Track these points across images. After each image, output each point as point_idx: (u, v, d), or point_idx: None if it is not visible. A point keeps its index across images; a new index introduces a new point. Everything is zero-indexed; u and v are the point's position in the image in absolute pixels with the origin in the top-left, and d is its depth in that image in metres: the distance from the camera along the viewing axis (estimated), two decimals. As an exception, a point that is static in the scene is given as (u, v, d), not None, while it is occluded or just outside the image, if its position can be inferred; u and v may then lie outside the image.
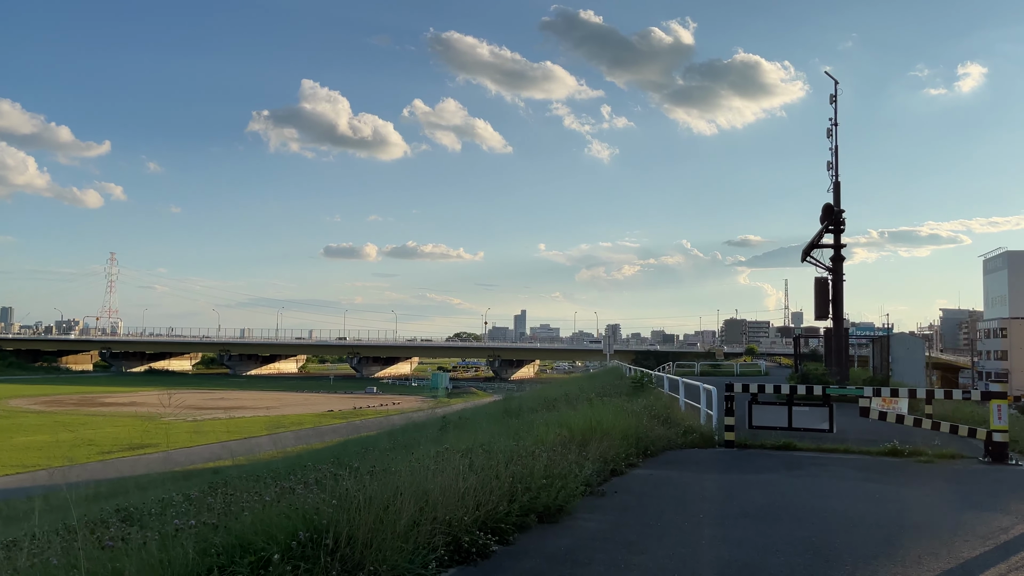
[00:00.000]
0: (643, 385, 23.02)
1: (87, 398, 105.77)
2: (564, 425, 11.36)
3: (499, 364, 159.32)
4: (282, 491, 6.82)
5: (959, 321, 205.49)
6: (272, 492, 6.78)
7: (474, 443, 10.82)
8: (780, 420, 13.01)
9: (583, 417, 11.86)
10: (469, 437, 13.21)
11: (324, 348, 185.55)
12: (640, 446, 11.81)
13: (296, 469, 10.60)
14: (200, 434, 64.62)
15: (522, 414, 18.82)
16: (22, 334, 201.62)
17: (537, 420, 14.68)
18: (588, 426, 11.09)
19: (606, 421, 11.43)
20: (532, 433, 11.34)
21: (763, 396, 13.31)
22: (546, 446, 9.84)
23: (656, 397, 19.50)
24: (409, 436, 19.66)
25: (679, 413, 16.49)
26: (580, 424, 11.22)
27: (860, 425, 14.03)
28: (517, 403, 20.98)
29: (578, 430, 11.02)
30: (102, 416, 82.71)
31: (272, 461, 20.32)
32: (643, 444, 11.99)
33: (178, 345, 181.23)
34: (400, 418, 54.48)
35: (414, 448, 15.01)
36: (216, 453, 46.99)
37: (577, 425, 11.18)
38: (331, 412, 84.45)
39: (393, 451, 14.42)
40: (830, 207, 28.14)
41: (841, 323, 28.71)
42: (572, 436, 10.83)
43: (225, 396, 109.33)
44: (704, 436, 13.48)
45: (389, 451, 14.45)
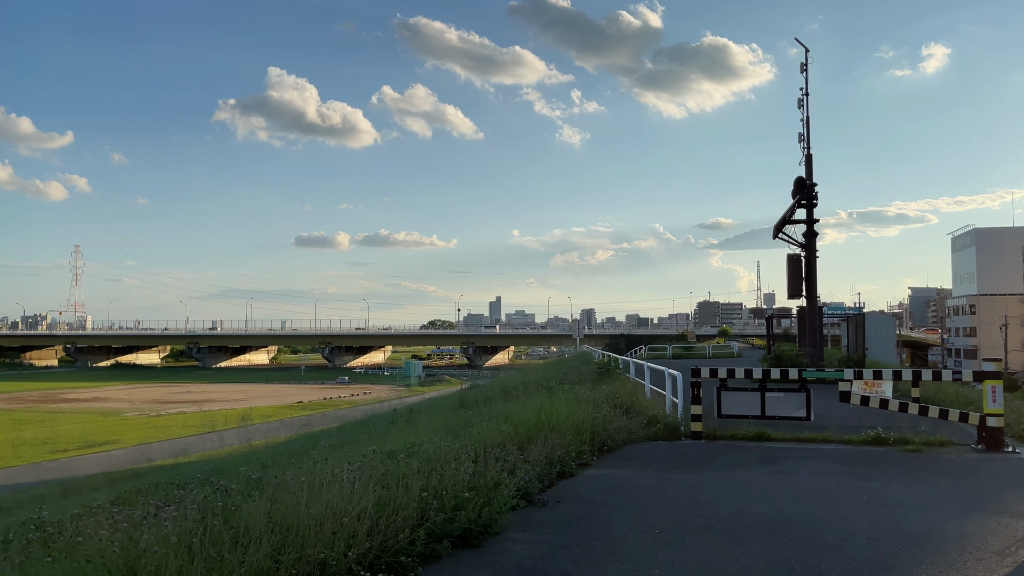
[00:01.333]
0: (609, 371, 21.74)
1: (48, 394, 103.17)
2: (510, 419, 9.96)
3: (473, 351, 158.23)
4: (132, 522, 5.35)
5: (927, 299, 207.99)
6: (110, 525, 5.27)
7: (405, 443, 9.43)
8: (752, 408, 11.71)
9: (532, 409, 10.47)
10: (408, 434, 11.82)
11: (295, 338, 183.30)
12: (596, 441, 10.45)
13: (193, 479, 9.10)
14: (161, 429, 62.92)
15: (477, 405, 17.51)
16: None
17: (488, 413, 13.32)
18: (536, 420, 9.69)
19: (557, 413, 10.04)
20: (476, 429, 9.97)
21: (733, 381, 11.97)
22: (482, 446, 8.46)
23: (621, 383, 18.20)
24: (357, 432, 18.25)
25: (644, 401, 15.18)
26: (526, 418, 9.82)
27: (840, 410, 12.80)
28: (475, 394, 19.61)
29: (523, 425, 9.63)
30: (62, 413, 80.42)
31: (203, 462, 18.85)
32: (600, 438, 10.63)
33: (146, 338, 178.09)
34: (362, 410, 53.17)
35: (352, 446, 13.57)
36: (170, 450, 45.36)
37: (523, 419, 9.78)
38: (300, 404, 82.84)
39: (331, 450, 12.99)
40: (802, 180, 26.97)
41: (815, 301, 27.63)
42: (516, 432, 9.43)
43: (193, 389, 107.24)
44: (669, 427, 12.15)
45: (330, 449, 13.02)
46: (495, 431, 9.49)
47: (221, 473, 9.78)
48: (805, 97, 28.05)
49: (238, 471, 9.31)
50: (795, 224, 27.75)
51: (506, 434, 9.42)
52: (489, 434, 9.43)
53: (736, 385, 12.12)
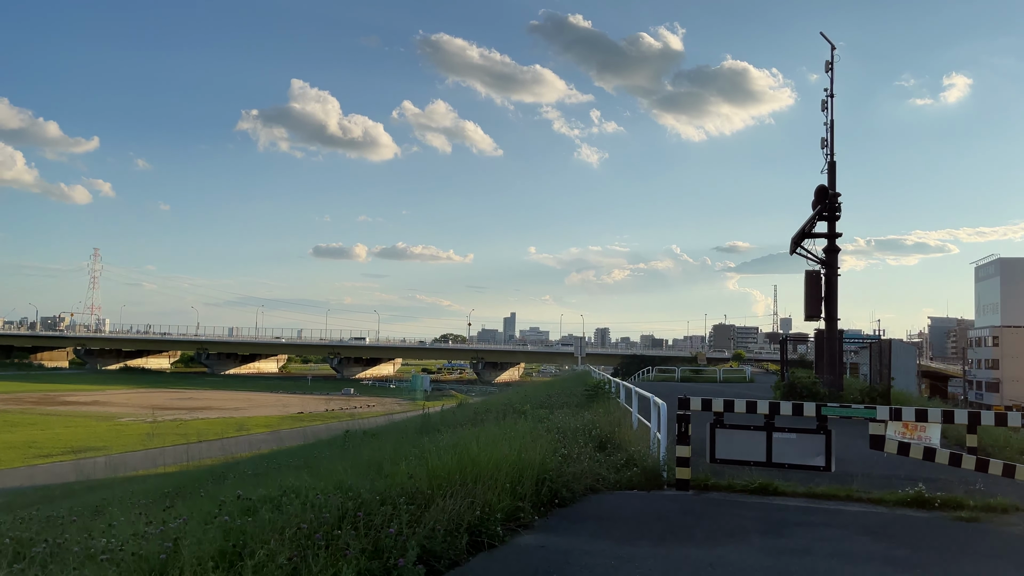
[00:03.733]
0: (598, 394, 19.17)
1: (49, 396, 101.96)
2: (423, 461, 7.42)
3: (482, 366, 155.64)
4: None
5: (947, 329, 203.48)
6: None
7: (284, 489, 6.99)
8: (756, 452, 9.11)
9: (465, 445, 7.94)
10: (328, 469, 9.37)
11: (304, 348, 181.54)
12: (546, 491, 7.90)
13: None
14: (151, 437, 60.95)
15: (440, 430, 15.01)
16: (5, 330, 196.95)
17: (433, 444, 10.81)
18: (456, 464, 7.14)
19: (487, 454, 7.46)
20: (396, 469, 7.50)
21: (731, 416, 9.40)
22: (375, 500, 5.99)
23: (608, 410, 15.62)
24: (294, 457, 15.91)
25: (628, 433, 12.58)
26: (445, 461, 7.27)
27: (866, 454, 10.15)
28: (449, 416, 17.12)
29: (442, 469, 7.09)
30: (57, 416, 78.89)
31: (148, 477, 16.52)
32: (552, 487, 8.08)
33: (155, 343, 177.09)
34: (354, 424, 50.91)
35: (262, 477, 11.12)
36: (151, 460, 43.30)
37: (441, 463, 7.23)
38: (300, 415, 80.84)
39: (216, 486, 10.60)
40: (824, 189, 24.32)
41: (835, 323, 24.87)
42: (430, 479, 6.91)
43: (195, 396, 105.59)
44: (648, 472, 9.48)
45: (218, 484, 10.62)
46: (404, 478, 6.99)
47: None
48: (829, 99, 25.46)
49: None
50: (815, 238, 25.10)
51: (419, 481, 6.92)
52: (398, 480, 6.97)
53: (735, 421, 9.49)
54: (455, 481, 6.86)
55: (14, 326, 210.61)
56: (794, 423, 9.44)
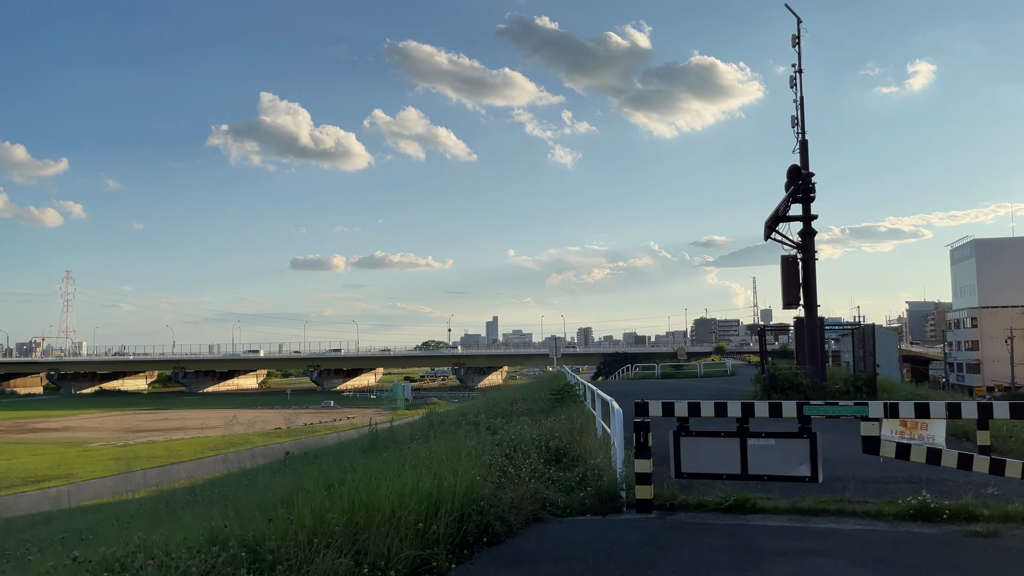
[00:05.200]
0: (564, 398, 17.73)
1: (19, 424, 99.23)
2: (309, 503, 5.91)
3: (465, 372, 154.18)
4: None
5: (925, 313, 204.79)
6: None
7: (141, 545, 5.48)
8: (728, 462, 7.64)
9: (353, 483, 6.44)
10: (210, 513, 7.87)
11: (283, 362, 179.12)
12: (472, 525, 6.42)
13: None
14: (120, 461, 58.97)
15: (385, 447, 13.55)
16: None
17: (369, 465, 9.35)
18: (348, 504, 5.65)
19: (387, 488, 5.96)
20: (295, 511, 6.03)
21: (698, 422, 7.94)
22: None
23: (573, 416, 14.18)
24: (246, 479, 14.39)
25: (591, 443, 11.13)
26: (339, 500, 5.76)
27: (856, 457, 8.76)
28: (391, 433, 15.60)
29: (336, 511, 5.60)
30: (26, 444, 76.46)
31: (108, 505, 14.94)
32: (482, 519, 6.61)
33: (131, 364, 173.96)
34: (329, 439, 49.27)
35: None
36: (114, 487, 41.49)
37: (335, 503, 5.72)
38: (281, 430, 79.01)
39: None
40: (797, 169, 23.05)
41: (815, 310, 23.59)
42: (316, 524, 5.43)
43: (170, 416, 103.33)
44: (603, 492, 7.93)
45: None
46: (284, 524, 5.50)
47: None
48: (798, 75, 24.21)
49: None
50: (790, 221, 23.81)
51: (300, 530, 5.43)
52: (280, 528, 5.49)
53: (703, 427, 8.04)
54: (344, 526, 5.37)
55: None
56: (772, 426, 8.04)
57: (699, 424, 8.08)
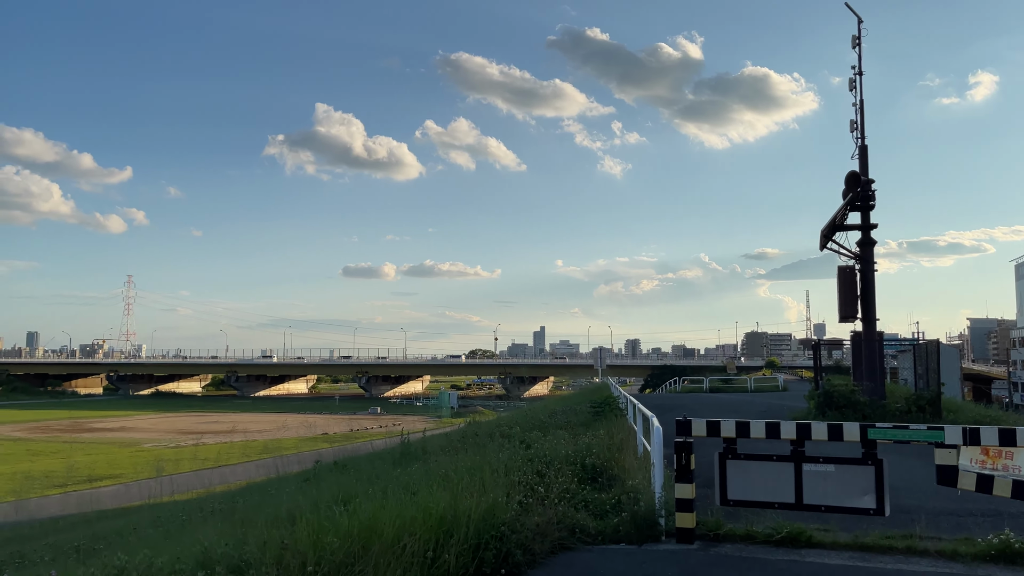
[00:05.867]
0: (605, 411, 16.98)
1: (77, 424, 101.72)
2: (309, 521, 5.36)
3: (511, 381, 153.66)
4: None
5: (988, 330, 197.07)
6: None
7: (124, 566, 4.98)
8: (781, 490, 6.85)
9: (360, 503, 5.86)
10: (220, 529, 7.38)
11: (332, 368, 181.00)
12: (491, 554, 5.80)
13: None
14: (173, 462, 59.88)
15: (418, 458, 13.01)
16: (47, 358, 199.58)
17: (392, 478, 8.81)
18: (346, 528, 5.07)
19: (392, 510, 5.38)
20: (297, 530, 5.50)
21: (746, 444, 7.15)
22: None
23: (611, 430, 13.43)
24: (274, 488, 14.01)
25: (630, 461, 10.40)
26: (340, 523, 5.19)
27: (927, 487, 7.89)
28: (424, 444, 15.06)
29: (331, 535, 5.03)
30: (81, 443, 78.18)
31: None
32: (503, 546, 5.99)
33: (186, 367, 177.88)
34: (372, 445, 49.20)
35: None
36: (154, 490, 42.01)
37: (324, 526, 5.15)
38: (326, 435, 79.39)
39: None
40: (855, 175, 21.94)
41: (873, 324, 22.38)
42: (316, 548, 4.86)
43: (222, 419, 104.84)
44: (639, 518, 7.25)
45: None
46: (277, 549, 4.95)
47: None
48: (858, 77, 23.11)
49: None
50: (847, 230, 22.70)
51: (295, 553, 4.86)
52: (272, 552, 4.94)
53: (753, 449, 7.26)
54: (344, 553, 4.79)
55: (55, 355, 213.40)
56: (831, 450, 7.22)
57: (748, 446, 7.31)
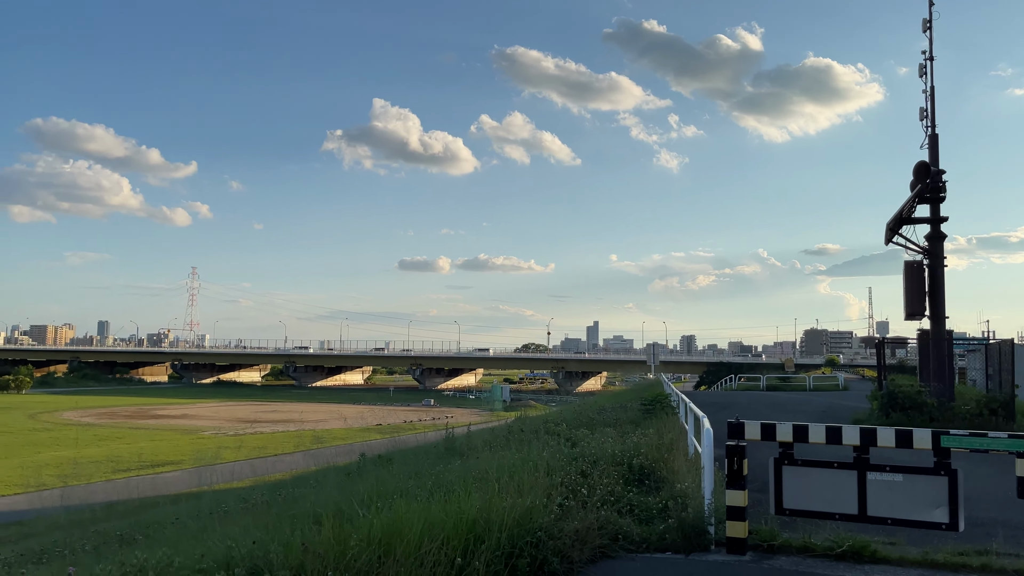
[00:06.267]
0: (656, 409, 16.45)
1: (142, 410, 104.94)
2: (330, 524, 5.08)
3: (563, 376, 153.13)
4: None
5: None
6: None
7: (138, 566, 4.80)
8: (842, 500, 6.29)
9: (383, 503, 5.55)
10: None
11: (387, 359, 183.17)
12: (525, 562, 5.44)
13: None
14: (231, 450, 61.30)
15: (461, 454, 12.77)
16: (116, 346, 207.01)
17: (433, 475, 8.55)
18: (370, 530, 4.77)
19: (417, 511, 5.06)
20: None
21: (803, 449, 6.62)
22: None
23: (663, 429, 12.94)
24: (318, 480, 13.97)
25: (679, 463, 9.92)
26: (356, 527, 4.90)
27: (998, 492, 7.24)
28: (468, 440, 14.82)
29: (340, 542, 4.74)
30: (145, 429, 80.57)
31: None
32: (538, 553, 5.63)
33: (246, 357, 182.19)
34: (419, 438, 49.41)
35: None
36: (208, 477, 42.98)
37: (338, 533, 4.86)
38: (379, 426, 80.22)
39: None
40: (925, 166, 20.87)
41: (942, 321, 21.29)
42: (337, 552, 4.58)
43: (279, 408, 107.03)
44: (687, 525, 6.76)
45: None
46: (298, 551, 4.68)
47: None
48: (929, 62, 21.98)
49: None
50: (915, 224, 21.64)
51: (315, 557, 4.59)
52: (294, 556, 4.68)
53: (812, 455, 6.74)
54: (366, 559, 4.50)
55: (124, 343, 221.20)
56: (898, 457, 6.65)
57: (807, 451, 6.79)
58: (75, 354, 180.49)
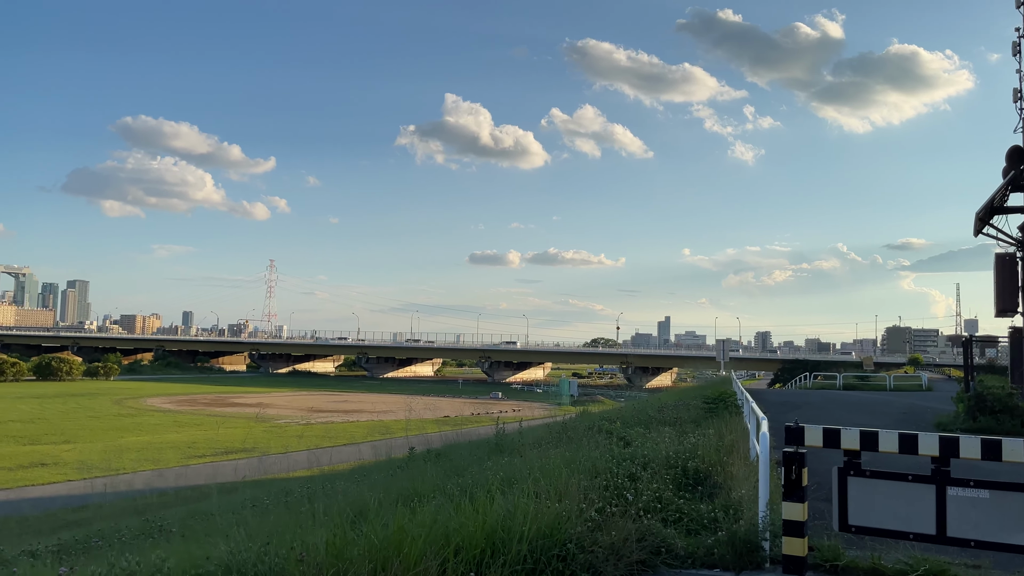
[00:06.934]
0: (718, 408, 15.61)
1: (220, 398, 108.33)
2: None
3: (632, 371, 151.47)
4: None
5: None
6: None
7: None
8: (917, 518, 5.50)
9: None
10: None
11: (457, 352, 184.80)
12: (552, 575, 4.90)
13: None
14: (300, 439, 62.65)
15: (511, 451, 12.31)
16: (198, 336, 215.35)
17: (474, 472, 8.12)
18: (371, 542, 4.32)
19: (427, 518, 4.58)
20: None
21: (874, 459, 5.84)
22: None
23: (723, 430, 12.18)
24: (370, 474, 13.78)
25: (738, 467, 9.20)
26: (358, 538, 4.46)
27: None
28: (523, 435, 14.34)
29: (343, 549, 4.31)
30: (222, 417, 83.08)
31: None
32: (569, 566, 5.08)
33: (320, 348, 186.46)
34: (480, 432, 49.41)
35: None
36: (281, 465, 43.86)
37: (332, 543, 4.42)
38: (445, 418, 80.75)
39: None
40: (1019, 150, 19.32)
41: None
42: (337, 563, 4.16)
43: (351, 399, 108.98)
44: (739, 539, 6.07)
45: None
46: (295, 565, 4.27)
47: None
48: (1022, 40, 20.34)
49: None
50: (1007, 213, 20.11)
51: (311, 566, 4.18)
52: (291, 568, 4.28)
53: (882, 465, 5.96)
54: (368, 570, 4.05)
55: (206, 333, 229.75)
56: (986, 469, 5.85)
57: (873, 461, 6.02)
58: (160, 343, 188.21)
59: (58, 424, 69.52)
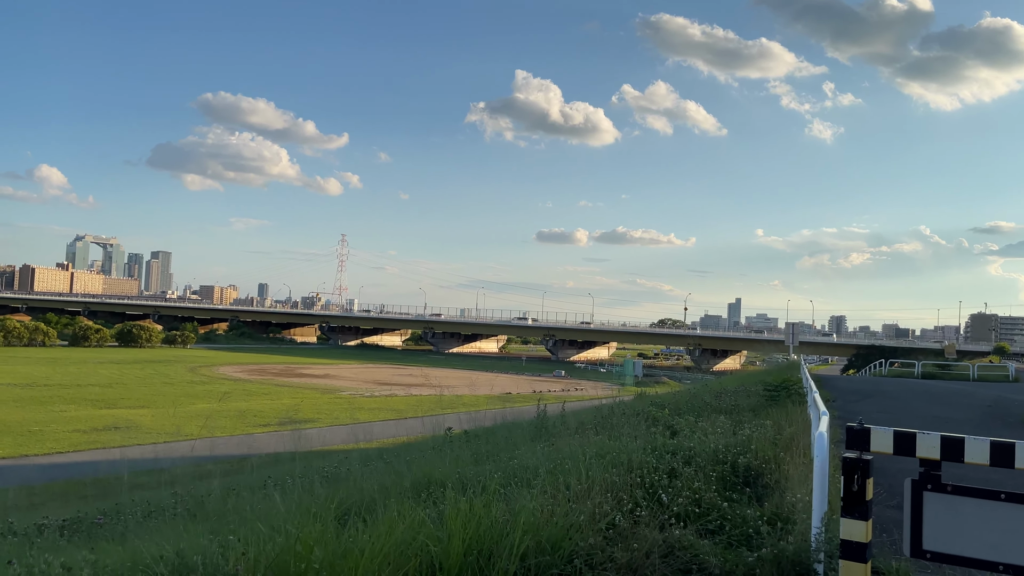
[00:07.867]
0: (780, 396, 14.41)
1: (289, 368, 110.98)
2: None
3: (700, 353, 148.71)
4: None
5: None
6: None
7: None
8: (1011, 544, 4.49)
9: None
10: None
11: (522, 329, 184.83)
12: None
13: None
14: (363, 411, 63.47)
15: (550, 436, 11.55)
16: (272, 308, 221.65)
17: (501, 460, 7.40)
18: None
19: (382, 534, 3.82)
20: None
21: (957, 471, 4.81)
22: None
23: (783, 422, 11.09)
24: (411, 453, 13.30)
25: (797, 466, 8.16)
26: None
27: None
28: (566, 419, 13.56)
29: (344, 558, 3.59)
30: (289, 387, 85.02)
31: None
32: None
33: (388, 321, 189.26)
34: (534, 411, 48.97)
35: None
36: (344, 436, 44.28)
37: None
38: (508, 395, 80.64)
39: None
40: None
41: None
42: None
43: (415, 373, 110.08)
44: (786, 560, 5.05)
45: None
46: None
47: None
48: None
49: None
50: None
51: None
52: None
53: (967, 479, 4.90)
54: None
55: (279, 305, 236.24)
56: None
57: (956, 475, 4.98)
58: (235, 313, 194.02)
59: (134, 389, 72.11)
